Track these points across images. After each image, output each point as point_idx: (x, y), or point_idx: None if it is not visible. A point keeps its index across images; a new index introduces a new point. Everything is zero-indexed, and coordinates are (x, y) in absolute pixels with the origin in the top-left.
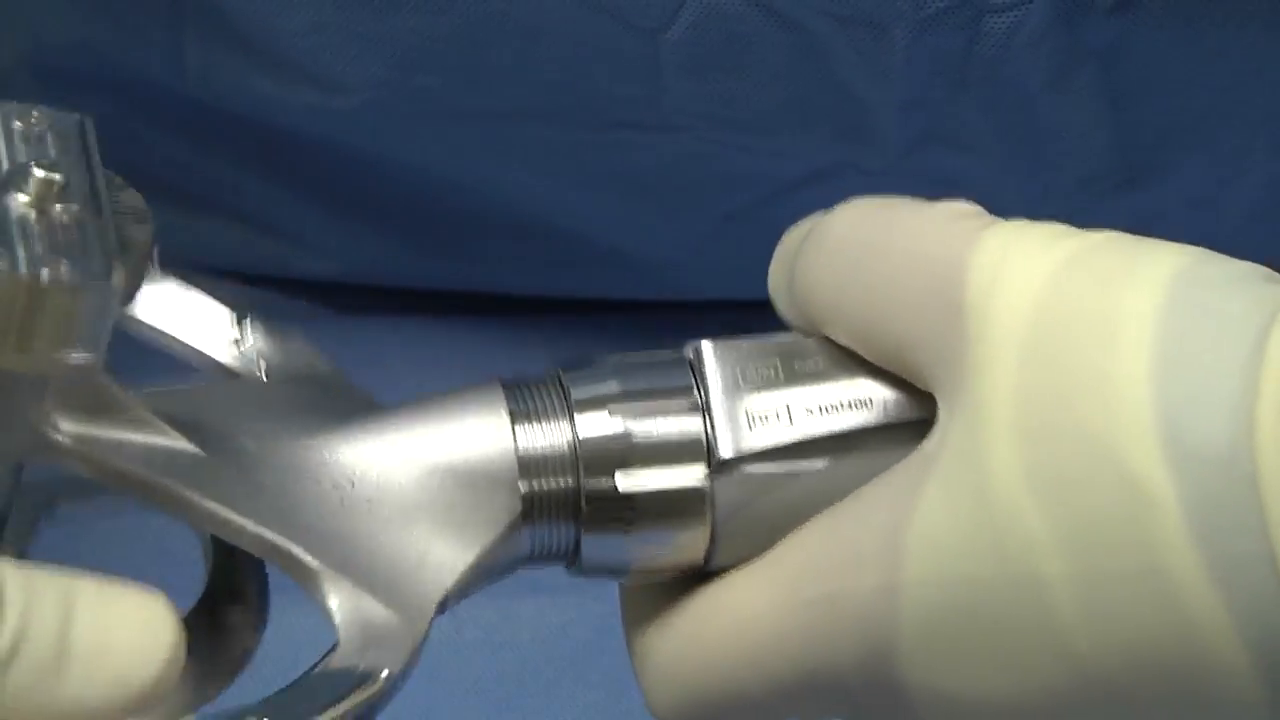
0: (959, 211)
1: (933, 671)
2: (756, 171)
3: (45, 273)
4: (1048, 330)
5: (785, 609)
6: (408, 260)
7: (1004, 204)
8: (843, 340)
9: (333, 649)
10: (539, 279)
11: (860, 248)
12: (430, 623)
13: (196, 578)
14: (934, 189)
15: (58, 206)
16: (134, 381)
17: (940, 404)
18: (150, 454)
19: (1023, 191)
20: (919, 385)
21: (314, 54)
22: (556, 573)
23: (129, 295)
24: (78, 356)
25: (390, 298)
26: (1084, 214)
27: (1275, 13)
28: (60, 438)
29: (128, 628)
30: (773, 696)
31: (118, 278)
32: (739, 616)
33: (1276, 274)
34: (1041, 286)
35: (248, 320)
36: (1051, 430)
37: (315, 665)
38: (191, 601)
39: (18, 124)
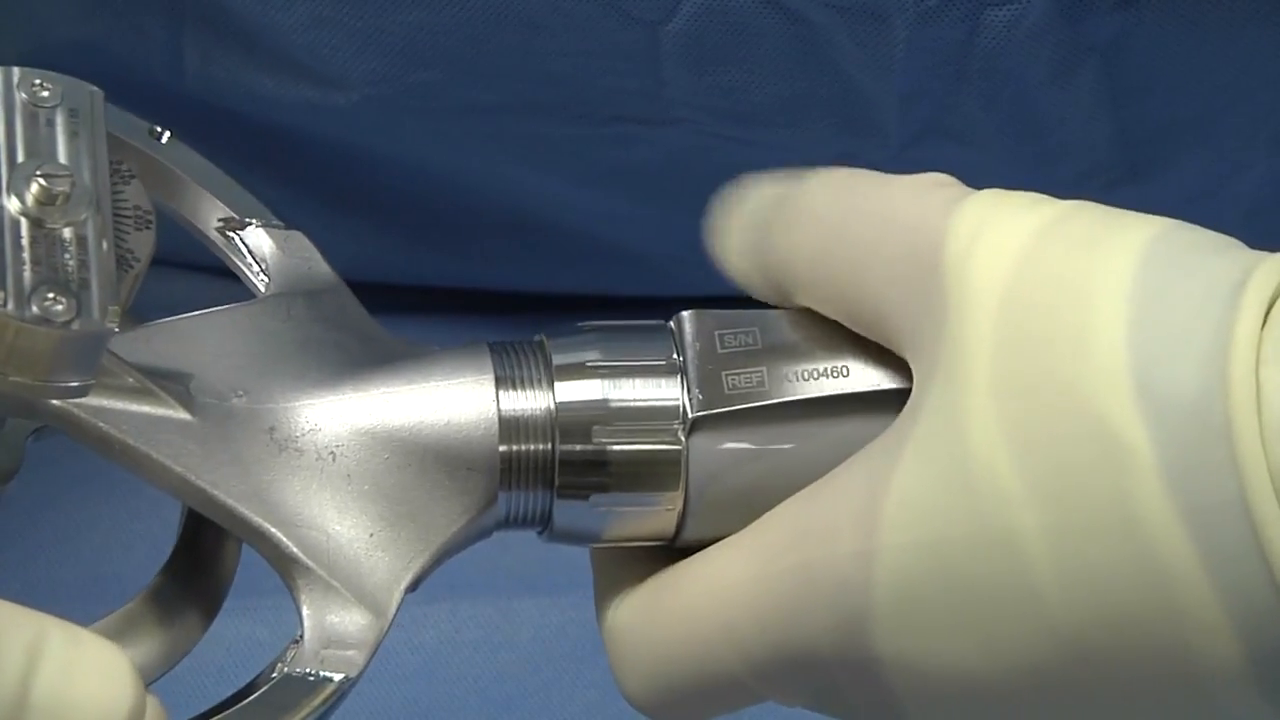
0: (936, 181)
1: (906, 641)
2: (757, 165)
3: (34, 311)
4: (1025, 290)
5: (761, 579)
6: (407, 257)
7: None
8: (822, 309)
9: (296, 641)
10: (539, 275)
11: (840, 216)
12: (398, 610)
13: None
14: None
15: (60, 222)
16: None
17: (916, 369)
18: (136, 422)
19: (1023, 185)
20: (897, 351)
21: (313, 49)
22: (556, 572)
23: (124, 311)
24: (66, 384)
25: (390, 294)
26: None
27: (1276, 9)
28: (52, 402)
29: (90, 683)
30: (748, 673)
31: (112, 317)
32: (715, 588)
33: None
34: (1019, 248)
35: (253, 223)
36: (1027, 384)
37: (276, 662)
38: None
39: (23, 96)
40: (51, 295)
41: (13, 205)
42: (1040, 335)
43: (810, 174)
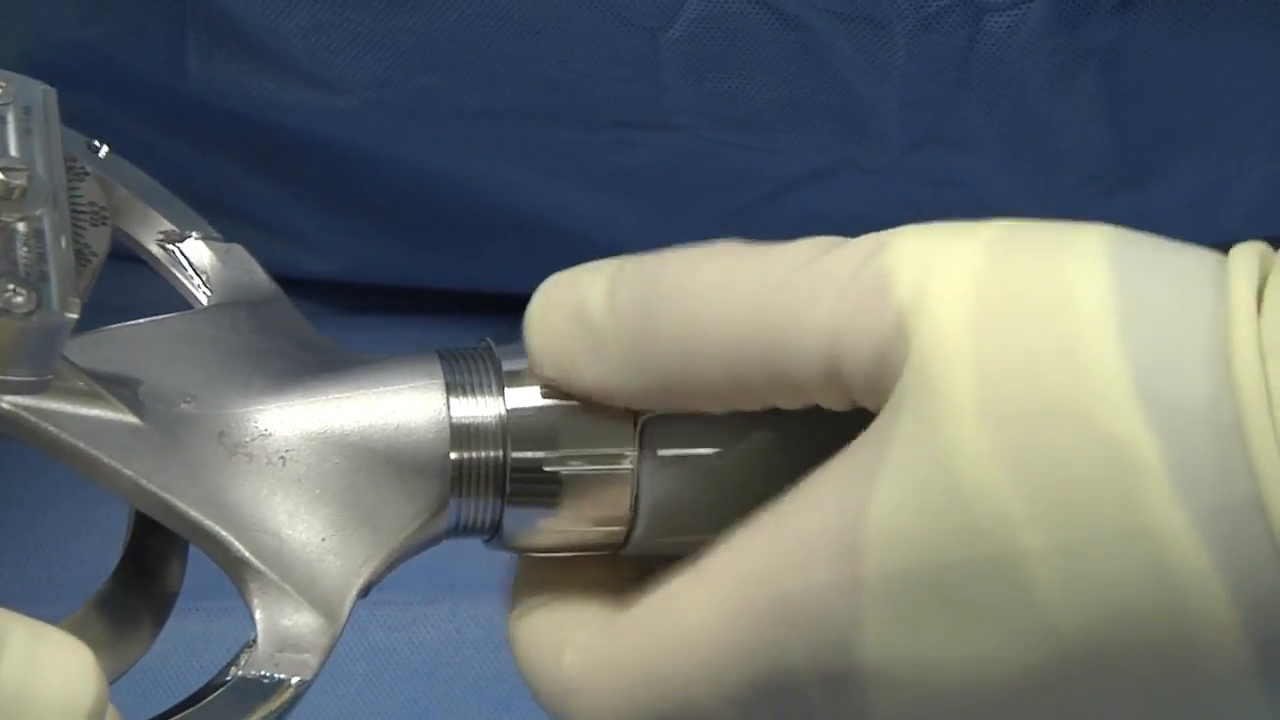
0: (831, 240)
1: (897, 666)
2: (757, 170)
3: None
4: (998, 309)
5: (735, 615)
6: (407, 259)
7: (1004, 202)
8: (731, 391)
9: (249, 645)
10: (539, 278)
11: (756, 285)
12: (350, 614)
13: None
14: (934, 188)
15: (13, 216)
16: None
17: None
18: (87, 425)
19: (1023, 190)
20: (837, 405)
21: (314, 53)
22: None
23: (82, 304)
24: (24, 378)
25: (390, 297)
26: (1084, 213)
27: (1275, 12)
28: (1, 405)
29: (52, 679)
30: (723, 707)
31: (72, 309)
32: (685, 628)
33: None
34: (976, 269)
35: (193, 236)
36: (1017, 406)
37: (230, 666)
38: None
39: None
40: (11, 287)
41: None
42: (1025, 354)
43: (672, 255)
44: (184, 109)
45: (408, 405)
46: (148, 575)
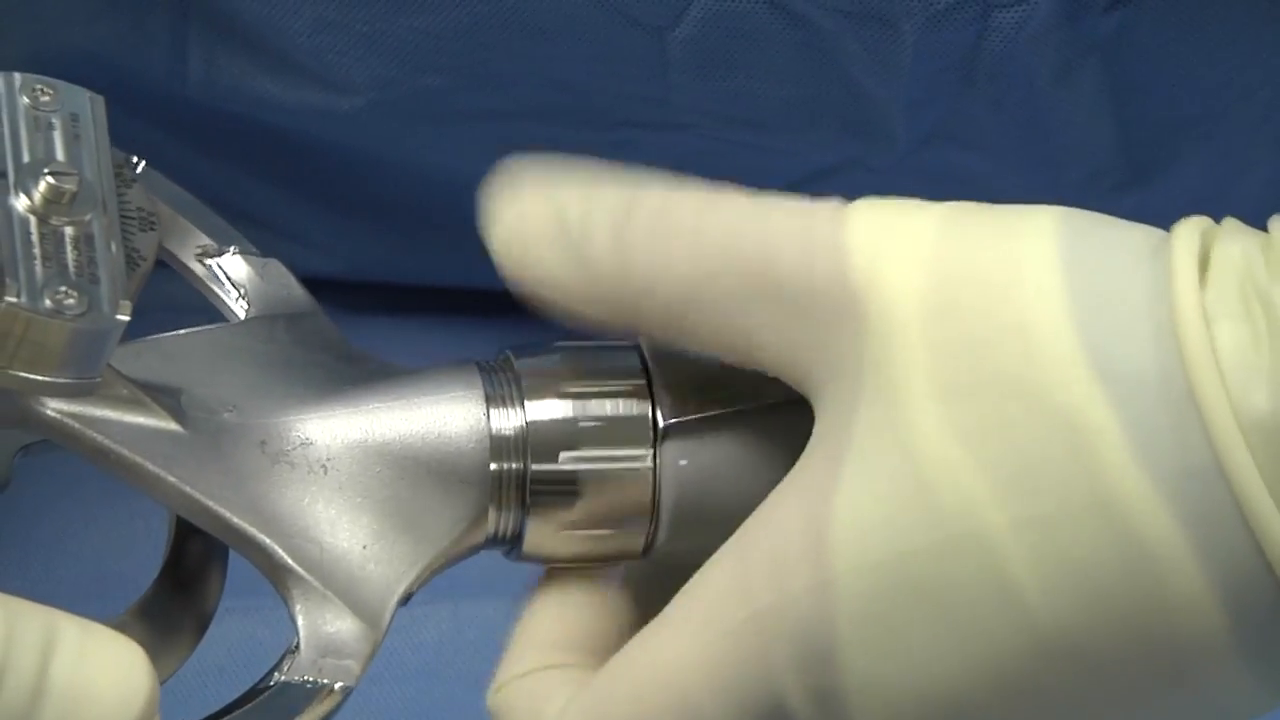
0: (798, 207)
1: (876, 666)
2: (764, 169)
3: (48, 304)
4: (949, 292)
5: (711, 645)
6: (412, 259)
7: (1010, 200)
8: (686, 337)
9: (292, 650)
10: None
11: (722, 235)
12: (391, 622)
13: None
14: (941, 186)
15: (63, 220)
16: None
17: (828, 392)
18: (131, 432)
19: (1030, 188)
20: (790, 379)
21: (319, 54)
22: None
23: (131, 308)
24: (74, 380)
25: (394, 296)
26: (1091, 210)
27: (1276, 5)
28: (47, 412)
29: (105, 675)
30: None
31: (124, 312)
32: (667, 669)
33: None
34: (929, 253)
35: (231, 250)
36: (974, 386)
37: (273, 671)
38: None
39: (25, 100)
40: (63, 289)
41: (21, 203)
42: (979, 335)
43: (652, 187)
44: (186, 110)
45: (448, 414)
46: (188, 583)
